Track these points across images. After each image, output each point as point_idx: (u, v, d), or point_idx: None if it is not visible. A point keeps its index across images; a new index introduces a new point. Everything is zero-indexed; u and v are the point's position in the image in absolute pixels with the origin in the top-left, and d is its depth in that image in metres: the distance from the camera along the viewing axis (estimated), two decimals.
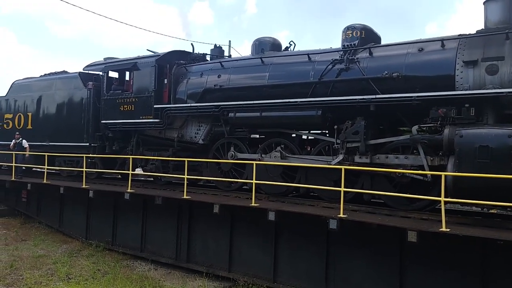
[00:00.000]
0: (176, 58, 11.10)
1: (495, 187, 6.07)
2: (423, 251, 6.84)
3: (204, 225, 9.77)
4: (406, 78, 7.54)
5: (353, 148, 7.90)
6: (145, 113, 10.92)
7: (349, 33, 8.56)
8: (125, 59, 12.00)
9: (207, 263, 9.56)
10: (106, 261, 10.50)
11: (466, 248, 6.54)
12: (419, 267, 7.11)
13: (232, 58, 11.10)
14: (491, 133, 6.31)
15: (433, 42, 7.58)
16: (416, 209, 7.54)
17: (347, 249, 7.81)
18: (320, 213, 7.49)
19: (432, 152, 7.23)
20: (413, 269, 7.17)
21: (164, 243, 10.47)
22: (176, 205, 10.02)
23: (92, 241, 11.79)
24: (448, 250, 6.75)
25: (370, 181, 7.96)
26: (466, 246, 6.46)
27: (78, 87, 12.77)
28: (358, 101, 7.74)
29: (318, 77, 8.46)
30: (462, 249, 6.60)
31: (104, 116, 11.85)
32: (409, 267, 7.19)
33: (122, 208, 11.38)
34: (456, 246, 6.58)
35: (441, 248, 6.79)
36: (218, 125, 10.00)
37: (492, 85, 6.73)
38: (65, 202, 12.97)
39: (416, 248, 6.64)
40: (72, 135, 12.56)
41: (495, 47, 6.84)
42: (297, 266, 8.38)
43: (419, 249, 6.73)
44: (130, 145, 11.68)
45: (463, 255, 6.68)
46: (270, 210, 7.77)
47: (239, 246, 9.19)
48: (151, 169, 10.95)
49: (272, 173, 9.10)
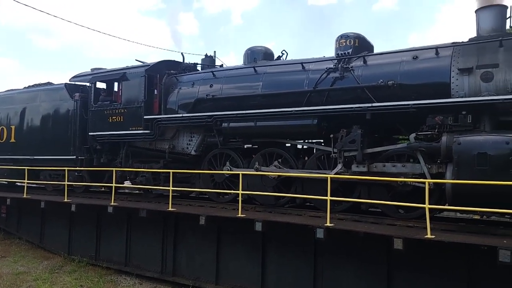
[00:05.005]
0: (166, 68, 10.94)
1: (494, 194, 6.07)
2: (409, 258, 6.88)
3: (190, 237, 9.67)
4: (401, 86, 7.53)
5: (350, 157, 7.83)
6: (135, 124, 10.69)
7: (343, 41, 8.56)
8: (114, 69, 11.77)
9: (194, 276, 9.46)
10: (89, 276, 10.28)
11: (451, 254, 6.61)
12: (406, 274, 7.17)
13: (224, 67, 10.99)
14: (489, 140, 6.32)
15: (427, 50, 7.62)
16: (414, 217, 7.50)
17: (335, 258, 7.81)
18: (307, 222, 7.47)
19: (429, 160, 7.21)
20: (401, 276, 7.22)
21: (149, 257, 10.30)
22: (161, 217, 9.89)
23: (75, 256, 11.57)
24: (434, 257, 6.80)
25: (368, 190, 7.89)
26: (451, 252, 6.53)
27: (64, 98, 12.45)
28: (354, 109, 7.69)
29: (312, 85, 8.40)
30: (448, 255, 6.67)
31: (92, 128, 11.56)
32: (397, 274, 7.25)
33: (105, 222, 11.19)
34: (441, 253, 6.63)
35: (427, 255, 6.82)
36: (211, 136, 9.84)
37: (487, 92, 6.77)
38: (47, 217, 12.69)
39: (403, 255, 6.65)
40: (58, 148, 12.23)
41: (489, 55, 6.90)
42: (285, 277, 8.34)
43: (406, 256, 6.75)
44: (119, 157, 11.41)
45: (449, 261, 6.75)
46: (257, 221, 7.71)
47: (226, 258, 9.10)
48: (141, 182, 10.69)
49: (267, 184, 8.96)
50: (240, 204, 8.24)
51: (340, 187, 8.16)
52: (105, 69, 12.44)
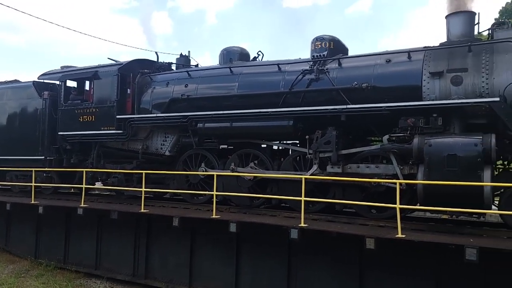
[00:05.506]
0: (139, 67, 10.73)
1: (463, 195, 6.26)
2: (381, 257, 7.01)
3: (163, 239, 9.54)
4: (375, 88, 7.67)
5: (325, 158, 7.90)
6: (107, 124, 10.43)
7: (318, 44, 8.65)
8: (85, 67, 11.45)
9: (167, 278, 9.34)
10: (58, 280, 10.01)
11: (421, 253, 6.77)
12: (378, 273, 7.30)
13: (200, 67, 10.88)
14: (458, 142, 6.51)
15: (400, 54, 7.79)
16: (387, 217, 7.64)
17: (308, 258, 7.88)
18: (282, 223, 7.51)
19: (402, 161, 7.36)
20: (372, 275, 7.35)
21: (121, 260, 10.10)
22: (133, 219, 9.71)
23: (42, 260, 11.24)
24: (405, 255, 6.94)
25: (342, 191, 7.98)
26: (421, 251, 6.69)
27: (33, 96, 12.03)
28: (330, 111, 7.77)
29: (288, 87, 8.45)
30: (418, 254, 6.82)
31: (62, 128, 11.21)
32: (369, 273, 7.37)
33: (75, 224, 10.91)
34: (412, 252, 6.78)
35: (398, 254, 6.96)
36: (186, 136, 9.72)
37: (457, 95, 6.99)
38: (12, 219, 12.25)
39: (374, 255, 6.77)
40: (26, 148, 11.80)
41: (459, 59, 7.12)
42: (259, 278, 8.36)
43: (377, 256, 6.87)
44: (90, 157, 11.10)
45: (419, 260, 6.92)
46: (231, 222, 7.68)
47: (200, 260, 9.04)
48: (113, 183, 10.44)
49: (242, 185, 8.92)
50: (215, 205, 8.18)
51: (315, 188, 8.22)
52: (75, 67, 12.09)
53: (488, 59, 6.89)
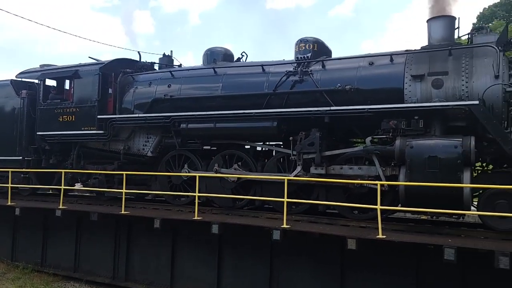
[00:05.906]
0: (121, 67, 10.55)
1: (443, 196, 6.38)
2: (362, 257, 7.10)
3: (144, 241, 9.45)
4: (358, 90, 7.73)
5: (309, 159, 7.93)
6: (88, 124, 10.24)
7: (302, 45, 8.68)
8: (65, 66, 11.21)
9: (147, 281, 9.26)
10: (35, 283, 9.79)
11: (401, 253, 6.89)
12: (359, 273, 7.40)
13: (183, 67, 10.78)
14: (439, 144, 6.63)
15: (383, 57, 7.89)
16: (369, 218, 7.70)
17: (291, 259, 7.92)
18: (264, 224, 7.51)
19: (384, 162, 7.44)
20: (354, 276, 7.44)
21: (100, 262, 9.96)
22: (113, 221, 9.58)
23: (19, 262, 11.01)
24: (386, 256, 7.05)
25: (326, 192, 8.02)
26: (401, 251, 6.81)
27: (10, 95, 11.72)
28: (313, 112, 7.80)
29: (272, 88, 8.44)
30: (398, 254, 6.94)
31: (40, 127, 10.95)
32: (350, 274, 7.47)
33: (53, 226, 10.71)
34: (392, 252, 6.89)
35: (379, 254, 7.06)
36: (169, 137, 9.60)
37: (438, 98, 7.11)
38: None
39: (356, 255, 6.85)
40: (3, 148, 11.50)
41: (440, 63, 7.25)
42: (241, 280, 8.35)
43: (358, 256, 6.96)
44: (70, 158, 10.86)
45: (399, 259, 7.05)
46: (213, 223, 7.64)
47: (182, 262, 8.98)
48: (94, 184, 10.24)
49: (226, 186, 8.87)
50: (197, 207, 8.10)
51: (299, 189, 8.24)
52: (55, 66, 11.82)
53: (468, 63, 7.03)
